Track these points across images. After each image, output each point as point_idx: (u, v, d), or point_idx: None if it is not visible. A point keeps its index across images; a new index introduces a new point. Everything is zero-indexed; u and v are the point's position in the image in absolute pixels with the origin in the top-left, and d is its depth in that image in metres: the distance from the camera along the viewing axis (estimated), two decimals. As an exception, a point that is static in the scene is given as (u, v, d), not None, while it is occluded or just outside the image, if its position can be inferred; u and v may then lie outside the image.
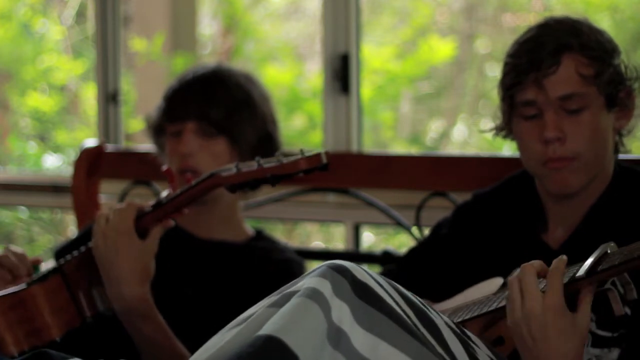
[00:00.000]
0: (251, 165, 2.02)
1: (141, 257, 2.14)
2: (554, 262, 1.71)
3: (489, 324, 1.87)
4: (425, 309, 1.72)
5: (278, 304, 1.66)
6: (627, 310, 1.91)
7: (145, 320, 2.17)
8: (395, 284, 1.73)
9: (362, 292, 1.67)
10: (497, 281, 2.00)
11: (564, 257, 1.72)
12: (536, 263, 1.73)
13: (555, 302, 1.67)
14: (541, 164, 2.04)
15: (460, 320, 1.89)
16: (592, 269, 1.69)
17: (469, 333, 1.77)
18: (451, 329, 1.73)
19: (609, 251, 1.70)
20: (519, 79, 2.03)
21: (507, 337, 1.86)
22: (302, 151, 1.98)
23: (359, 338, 1.63)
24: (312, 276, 1.69)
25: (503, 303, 1.84)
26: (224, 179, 2.06)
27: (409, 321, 1.67)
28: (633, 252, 1.66)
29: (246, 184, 2.03)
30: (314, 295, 1.65)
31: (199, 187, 2.11)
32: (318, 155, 1.97)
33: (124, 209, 2.15)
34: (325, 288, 1.66)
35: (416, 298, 1.73)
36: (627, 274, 1.71)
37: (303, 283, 1.69)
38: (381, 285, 1.70)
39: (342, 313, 1.64)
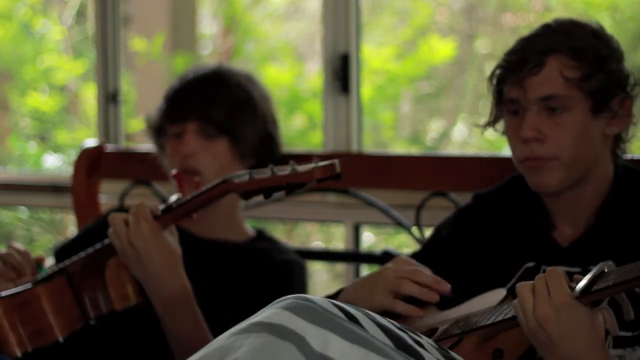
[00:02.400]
0: (264, 173, 2.02)
1: (172, 246, 2.15)
2: (549, 268, 1.71)
3: (489, 336, 1.86)
4: (404, 335, 1.68)
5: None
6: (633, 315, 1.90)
7: (185, 310, 2.18)
8: (371, 313, 1.69)
9: (337, 319, 1.65)
10: (500, 293, 1.99)
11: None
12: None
13: (563, 299, 1.66)
14: (520, 161, 2.06)
15: (459, 332, 1.88)
16: (586, 289, 1.67)
17: (453, 355, 1.75)
18: (435, 350, 1.71)
19: (606, 270, 1.68)
20: (503, 76, 2.05)
21: (506, 350, 1.85)
22: (315, 160, 1.98)
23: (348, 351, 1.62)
24: (277, 307, 1.66)
25: (500, 317, 1.83)
26: (236, 186, 2.05)
27: (388, 350, 1.64)
28: (628, 274, 1.64)
29: (260, 192, 2.03)
30: (282, 332, 1.61)
31: (210, 193, 2.11)
32: (332, 165, 1.96)
33: (139, 210, 2.14)
34: (294, 321, 1.63)
35: (392, 324, 1.70)
36: (625, 295, 1.70)
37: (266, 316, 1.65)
38: (355, 317, 1.67)
39: (322, 338, 1.61)
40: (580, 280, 1.70)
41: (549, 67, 2.01)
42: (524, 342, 1.84)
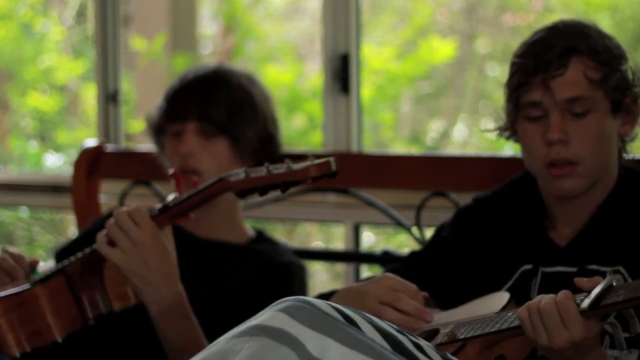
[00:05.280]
0: (260, 171, 2.01)
1: (170, 255, 2.15)
2: (562, 299, 1.72)
3: (492, 343, 1.86)
4: (402, 338, 1.68)
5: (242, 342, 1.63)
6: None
7: (182, 318, 2.17)
8: (369, 315, 1.69)
9: (335, 322, 1.64)
10: (504, 296, 1.99)
11: (568, 292, 1.74)
12: (554, 297, 1.74)
13: (581, 336, 1.71)
14: (544, 166, 2.04)
15: (462, 337, 1.88)
16: (595, 303, 1.69)
17: (453, 358, 1.76)
18: (435, 353, 1.71)
19: (614, 284, 1.70)
20: (526, 79, 2.03)
21: (509, 357, 1.85)
22: (311, 158, 1.98)
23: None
24: (276, 310, 1.66)
25: (505, 325, 1.84)
26: (232, 184, 2.05)
27: (386, 353, 1.64)
28: (638, 290, 1.66)
29: (255, 190, 2.03)
30: (281, 336, 1.62)
31: (206, 192, 2.10)
32: (327, 163, 1.96)
33: (138, 212, 2.13)
34: (293, 325, 1.63)
35: (391, 326, 1.70)
36: (632, 309, 1.72)
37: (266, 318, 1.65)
38: (353, 319, 1.66)
39: (321, 344, 1.61)
40: (582, 285, 1.73)
41: (572, 69, 2.00)
42: (525, 349, 1.85)
